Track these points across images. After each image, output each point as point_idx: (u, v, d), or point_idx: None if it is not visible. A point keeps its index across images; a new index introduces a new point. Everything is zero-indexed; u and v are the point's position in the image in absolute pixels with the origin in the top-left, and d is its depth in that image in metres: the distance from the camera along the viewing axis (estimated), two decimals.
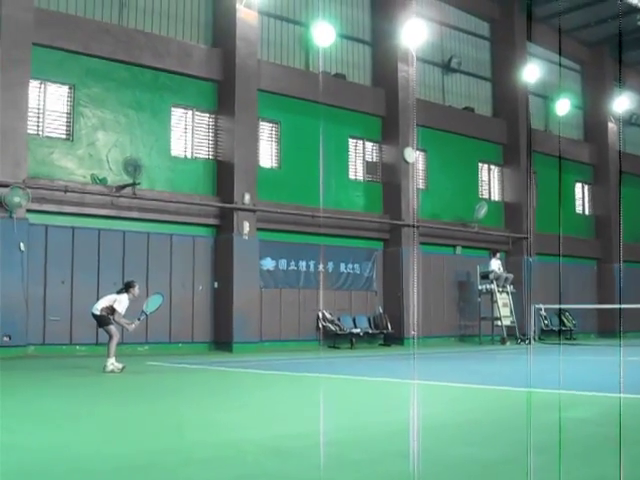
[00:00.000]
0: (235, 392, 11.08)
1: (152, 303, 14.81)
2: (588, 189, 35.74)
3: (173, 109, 22.03)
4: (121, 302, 14.05)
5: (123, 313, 14.10)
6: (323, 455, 5.58)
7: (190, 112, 22.40)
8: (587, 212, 35.63)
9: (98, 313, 14.05)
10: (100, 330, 14.77)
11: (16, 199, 18.11)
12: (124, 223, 20.54)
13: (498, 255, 28.13)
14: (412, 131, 26.71)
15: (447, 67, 29.84)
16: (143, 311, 14.51)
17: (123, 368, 13.81)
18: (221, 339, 21.82)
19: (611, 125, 35.52)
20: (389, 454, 5.61)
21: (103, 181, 20.18)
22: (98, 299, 14.67)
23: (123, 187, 20.13)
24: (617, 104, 34.79)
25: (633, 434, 6.14)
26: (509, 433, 6.66)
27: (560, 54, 34.01)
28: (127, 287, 14.41)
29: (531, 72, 30.02)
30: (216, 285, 22.12)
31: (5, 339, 17.79)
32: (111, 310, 13.98)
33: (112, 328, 14.09)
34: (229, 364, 16.28)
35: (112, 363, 13.81)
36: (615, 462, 5.25)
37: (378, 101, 26.64)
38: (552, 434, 6.17)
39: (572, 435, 6.16)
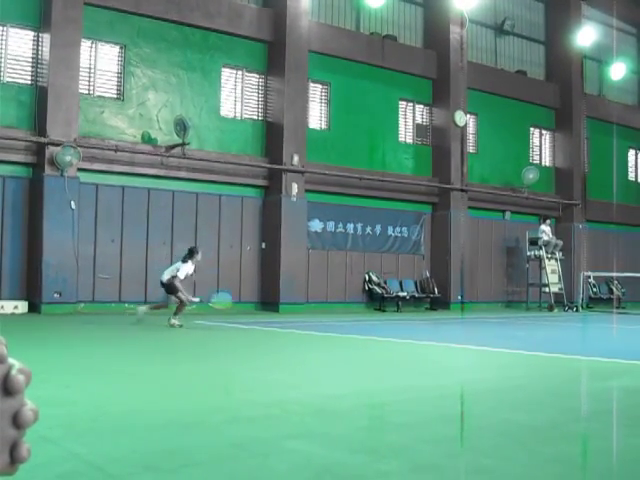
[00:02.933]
0: (281, 352, 11.13)
1: (220, 299, 15.46)
2: None
3: (223, 69, 22.00)
4: (183, 269, 14.59)
5: (182, 277, 14.62)
6: (367, 417, 5.60)
7: (240, 72, 22.36)
8: None
9: (165, 281, 14.70)
10: (149, 289, 15.10)
11: (67, 158, 18.29)
12: (173, 183, 20.67)
13: (548, 221, 27.81)
14: (463, 94, 26.44)
15: (500, 29, 29.36)
16: (207, 301, 15.23)
17: (180, 326, 14.44)
18: (268, 299, 21.94)
19: None
20: (434, 418, 5.60)
21: (153, 141, 20.30)
22: (168, 265, 15.54)
23: (173, 147, 20.23)
24: None
25: None
26: (556, 399, 6.62)
27: (615, 16, 33.25)
28: (190, 254, 14.89)
29: (585, 35, 29.43)
30: (264, 246, 22.20)
31: (56, 296, 18.08)
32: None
33: (181, 295, 14.69)
34: (276, 324, 16.37)
35: (176, 320, 14.62)
36: None
37: (429, 63, 26.35)
38: (599, 402, 6.13)
39: (619, 404, 6.10)
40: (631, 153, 34.63)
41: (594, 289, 30.64)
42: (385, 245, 25.12)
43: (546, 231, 27.29)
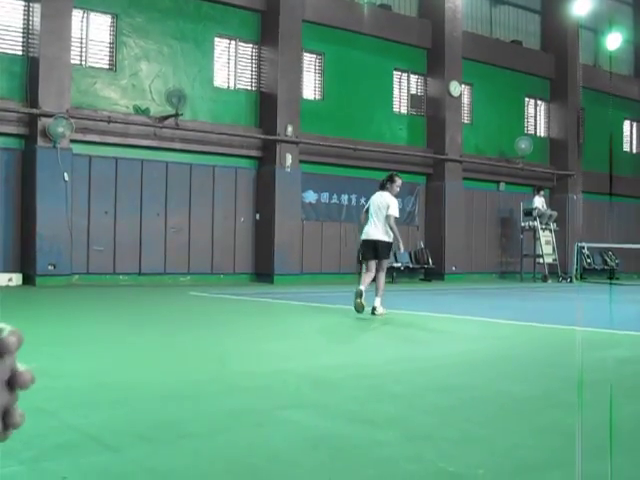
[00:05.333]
0: (276, 323, 11.15)
1: None
2: (637, 127, 35.04)
3: (216, 39, 21.83)
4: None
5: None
6: (363, 387, 5.62)
7: (233, 43, 22.20)
8: (635, 150, 34.98)
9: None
10: (143, 260, 14.89)
11: (60, 129, 18.18)
12: (167, 154, 20.57)
13: (542, 192, 27.82)
14: (458, 64, 26.33)
15: None
16: None
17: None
18: (262, 271, 21.95)
19: None
20: (428, 388, 5.62)
21: (146, 112, 20.20)
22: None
23: (166, 118, 20.12)
24: None
25: None
26: (551, 370, 6.65)
27: None
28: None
29: (581, 5, 29.20)
30: (258, 217, 22.17)
31: (50, 268, 18.04)
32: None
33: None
34: (270, 295, 16.39)
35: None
36: None
37: (424, 33, 26.18)
38: (593, 372, 6.15)
39: (614, 374, 6.13)
40: (626, 124, 34.57)
41: (588, 260, 30.69)
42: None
43: (540, 202, 27.31)
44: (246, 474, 3.44)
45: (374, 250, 12.13)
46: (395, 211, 12.64)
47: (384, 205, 12.51)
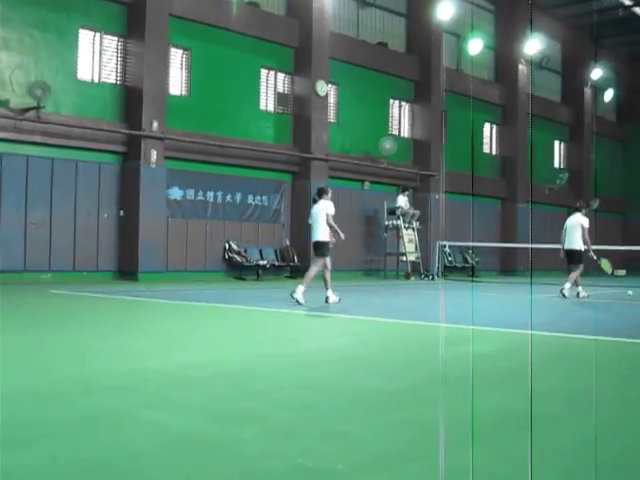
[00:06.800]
0: (139, 321, 11.01)
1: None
2: (496, 129, 36.26)
3: (81, 31, 21.29)
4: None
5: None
6: (224, 385, 5.62)
7: (98, 35, 21.71)
8: (494, 152, 36.21)
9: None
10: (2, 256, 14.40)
11: None
12: (27, 147, 19.94)
13: (406, 192, 28.46)
14: (325, 64, 26.58)
15: (363, 1, 29.62)
16: None
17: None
18: (126, 268, 21.59)
19: (521, 67, 35.97)
20: (292, 384, 5.67)
21: (5, 103, 19.51)
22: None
23: (27, 110, 19.51)
24: (528, 47, 35.23)
25: (526, 367, 6.33)
26: (410, 365, 6.81)
27: None
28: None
29: (445, 10, 29.98)
30: (122, 213, 21.80)
31: None
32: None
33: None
34: (134, 293, 16.15)
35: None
36: (511, 393, 5.44)
37: (292, 32, 26.30)
38: (453, 367, 6.33)
39: (471, 368, 6.32)
40: (486, 127, 35.73)
41: (449, 258, 31.59)
42: (245, 213, 25.08)
43: (404, 201, 27.91)
44: (104, 474, 3.39)
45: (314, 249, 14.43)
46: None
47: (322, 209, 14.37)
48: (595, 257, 17.71)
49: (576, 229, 16.89)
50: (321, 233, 14.20)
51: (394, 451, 3.82)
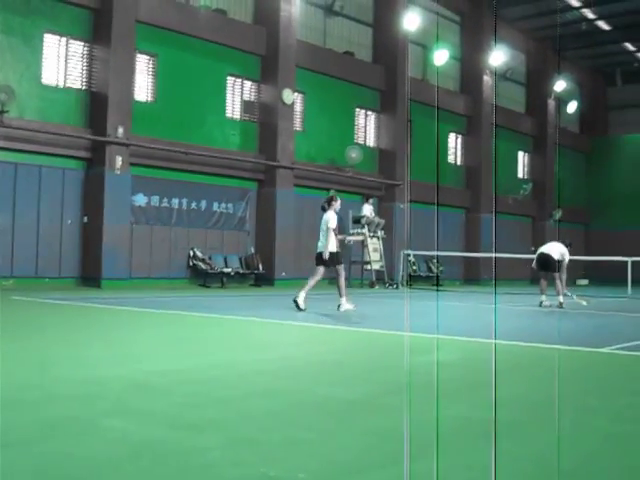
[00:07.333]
0: (102, 329, 10.91)
1: None
2: (461, 140, 36.50)
3: (46, 35, 21.14)
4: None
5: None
6: (187, 393, 5.58)
7: (64, 40, 21.56)
8: (459, 162, 36.43)
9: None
10: None
11: None
12: None
13: (371, 200, 28.52)
14: (291, 72, 26.60)
15: (330, 10, 29.72)
16: None
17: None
18: (89, 274, 21.43)
19: (486, 78, 36.26)
20: (253, 393, 5.65)
21: None
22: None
23: None
24: (493, 58, 35.54)
25: (488, 376, 6.36)
26: (373, 374, 6.81)
27: (440, 4, 34.31)
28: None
29: (411, 20, 30.14)
30: (85, 220, 21.65)
31: None
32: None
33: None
34: (97, 300, 16.02)
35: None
36: (474, 402, 5.46)
37: (259, 40, 26.29)
38: (416, 375, 6.35)
39: (434, 377, 6.34)
40: (451, 137, 35.97)
41: (414, 267, 31.73)
42: (210, 221, 25.02)
43: (369, 210, 27.98)
44: None
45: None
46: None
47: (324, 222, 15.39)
48: (575, 298, 17.89)
49: (556, 251, 16.93)
50: (329, 244, 15.63)
51: (357, 460, 3.82)
